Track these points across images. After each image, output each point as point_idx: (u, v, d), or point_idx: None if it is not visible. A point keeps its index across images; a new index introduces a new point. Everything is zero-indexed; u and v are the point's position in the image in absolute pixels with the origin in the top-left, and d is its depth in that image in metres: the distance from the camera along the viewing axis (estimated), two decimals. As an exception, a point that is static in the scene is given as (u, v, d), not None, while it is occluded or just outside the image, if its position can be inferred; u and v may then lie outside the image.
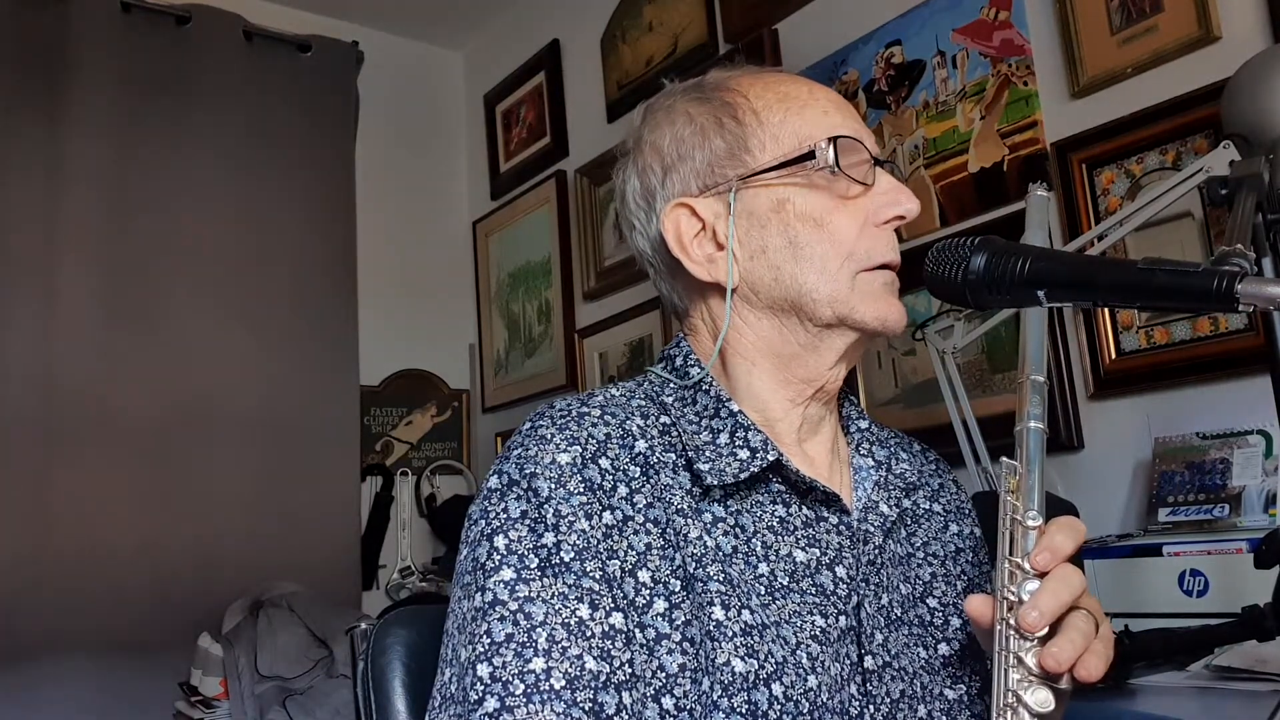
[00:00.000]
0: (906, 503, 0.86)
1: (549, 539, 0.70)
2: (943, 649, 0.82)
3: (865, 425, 0.89)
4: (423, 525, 3.12)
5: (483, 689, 0.66)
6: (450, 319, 3.32)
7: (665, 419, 0.80)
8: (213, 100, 2.76)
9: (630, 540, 0.72)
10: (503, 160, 3.28)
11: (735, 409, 0.81)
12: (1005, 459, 0.68)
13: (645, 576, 0.71)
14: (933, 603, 0.84)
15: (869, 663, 0.76)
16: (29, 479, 2.38)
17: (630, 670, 0.68)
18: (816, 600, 0.76)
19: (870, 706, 0.75)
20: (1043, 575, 0.65)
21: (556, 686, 0.66)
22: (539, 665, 0.66)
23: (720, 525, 0.76)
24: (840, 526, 0.80)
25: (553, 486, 0.72)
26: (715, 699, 0.69)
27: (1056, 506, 1.51)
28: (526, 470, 0.73)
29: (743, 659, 0.71)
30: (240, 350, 2.68)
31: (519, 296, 3.17)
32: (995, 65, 1.94)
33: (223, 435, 2.61)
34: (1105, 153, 1.76)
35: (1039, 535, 0.65)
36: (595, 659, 0.67)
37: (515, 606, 0.68)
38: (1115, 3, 1.76)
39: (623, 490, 0.74)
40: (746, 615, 0.73)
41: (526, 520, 0.71)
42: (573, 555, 0.70)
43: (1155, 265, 0.61)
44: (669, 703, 0.69)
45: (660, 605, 0.71)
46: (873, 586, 0.79)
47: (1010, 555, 0.66)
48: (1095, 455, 1.76)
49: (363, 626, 0.88)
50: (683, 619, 0.71)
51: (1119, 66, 1.75)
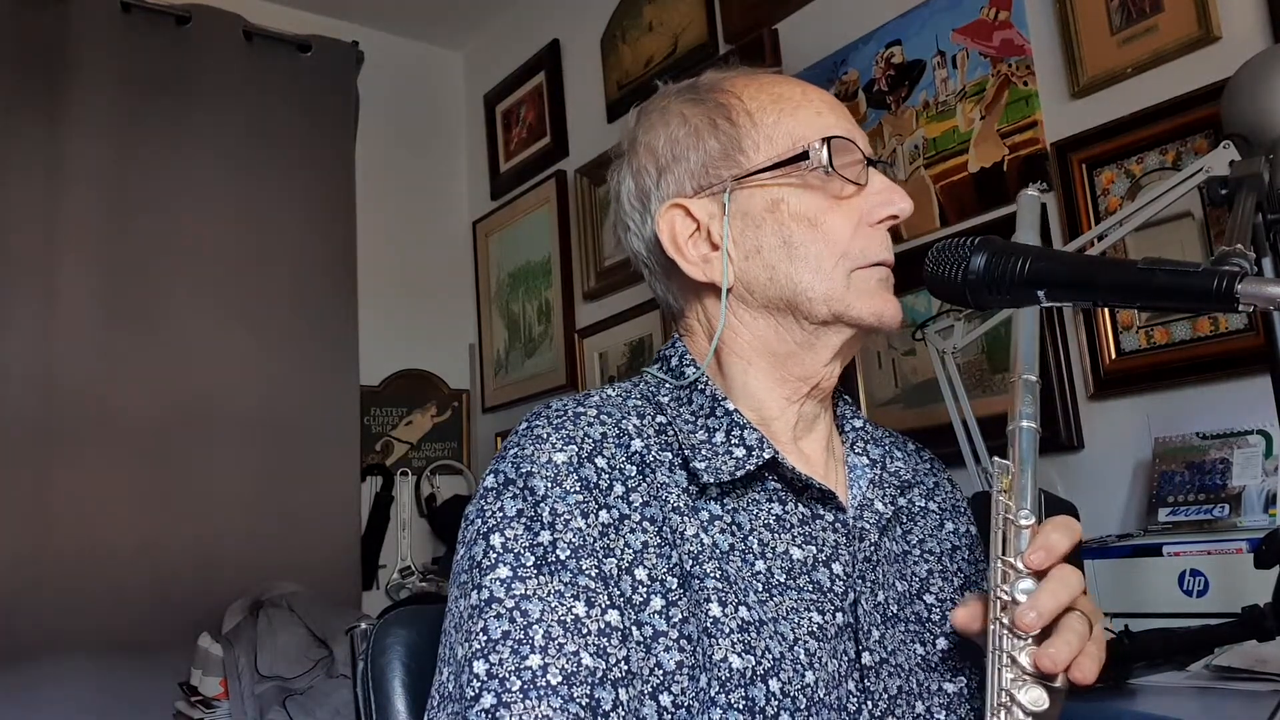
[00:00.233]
0: (902, 501, 0.87)
1: (545, 537, 0.71)
2: (941, 644, 0.82)
3: (860, 424, 0.90)
4: (423, 525, 3.12)
5: (479, 685, 0.67)
6: (450, 319, 3.32)
7: (661, 418, 0.80)
8: (213, 100, 2.76)
9: (627, 538, 0.72)
10: (503, 160, 3.28)
11: (731, 407, 0.81)
12: (997, 458, 0.68)
13: (642, 574, 0.72)
14: (930, 599, 0.84)
15: (866, 659, 0.77)
16: (29, 479, 2.38)
17: (626, 667, 0.68)
18: (813, 597, 0.76)
19: (868, 702, 0.75)
20: (1037, 574, 0.65)
21: (553, 682, 0.66)
22: (535, 662, 0.66)
23: (717, 523, 0.76)
24: (836, 524, 0.80)
25: (549, 485, 0.72)
26: (713, 695, 0.69)
27: (1056, 506, 1.52)
28: (523, 469, 0.74)
29: (740, 655, 0.71)
30: (240, 350, 2.68)
31: (519, 296, 3.16)
32: (995, 65, 1.94)
33: (223, 435, 2.61)
34: (1105, 153, 1.76)
35: (1032, 534, 0.65)
36: (592, 655, 0.67)
37: (512, 604, 0.68)
38: (1115, 3, 1.76)
39: (619, 489, 0.74)
40: (744, 612, 0.73)
41: (523, 519, 0.72)
42: (569, 553, 0.70)
43: (1155, 265, 0.61)
44: (666, 700, 0.69)
45: (657, 602, 0.71)
46: (869, 583, 0.80)
47: (1003, 554, 0.66)
48: (1095, 455, 1.76)
49: (363, 626, 0.88)
50: (679, 616, 0.71)
51: (1119, 66, 1.75)
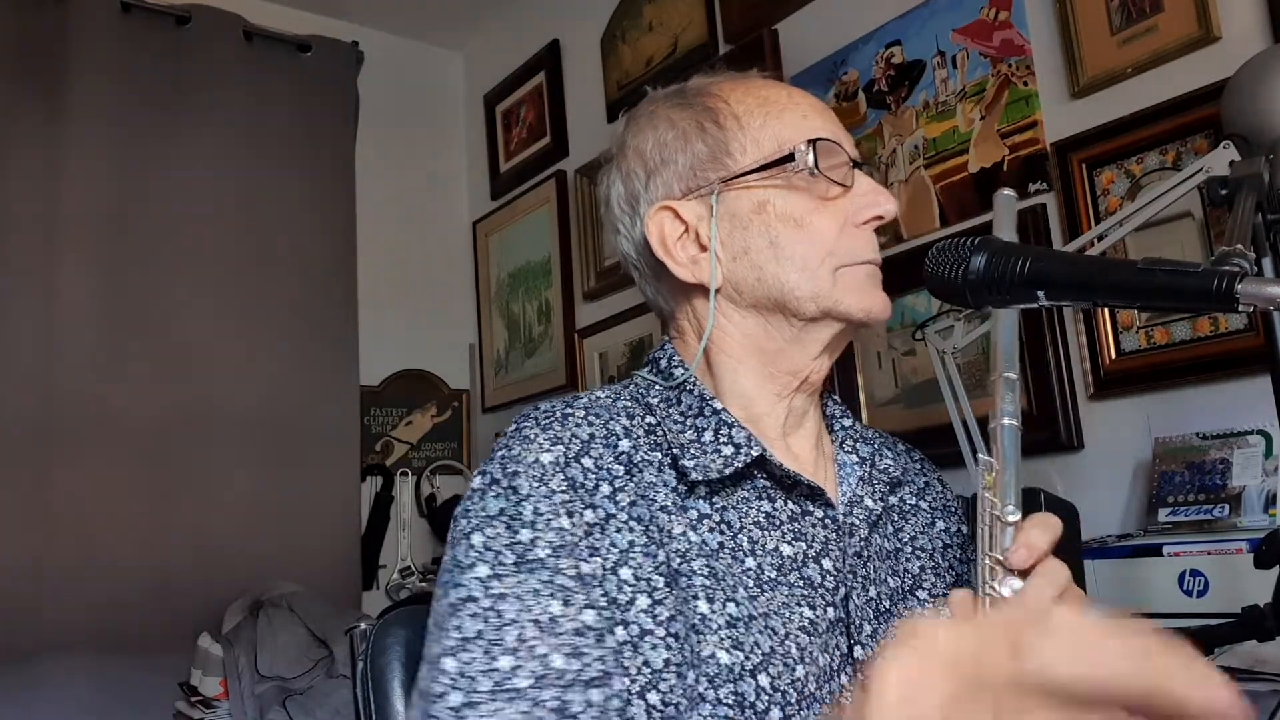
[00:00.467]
0: (892, 499, 0.87)
1: (524, 535, 0.71)
2: None
3: (849, 423, 0.91)
4: (423, 525, 3.12)
5: (449, 682, 0.67)
6: (450, 319, 3.32)
7: (650, 419, 0.81)
8: (213, 100, 2.76)
9: (613, 538, 0.73)
10: (503, 160, 3.28)
11: (719, 406, 0.82)
12: (982, 455, 0.69)
13: (627, 574, 0.72)
14: (923, 595, 0.85)
15: (859, 654, 0.77)
16: (29, 479, 2.37)
17: (602, 668, 0.68)
18: (804, 593, 0.77)
19: None
20: (1022, 572, 0.65)
21: (521, 685, 0.66)
22: (506, 663, 0.67)
23: (706, 521, 0.77)
24: (826, 520, 0.81)
25: (534, 485, 0.73)
26: (701, 691, 0.70)
27: (1056, 507, 1.51)
28: (509, 469, 0.74)
29: (728, 651, 0.71)
30: (240, 350, 2.68)
31: (519, 296, 3.16)
32: (995, 65, 1.94)
33: (223, 435, 2.61)
34: (1105, 153, 1.76)
35: (1016, 531, 0.66)
36: (564, 657, 0.67)
37: (488, 603, 0.69)
38: (1115, 3, 1.76)
39: (605, 489, 0.74)
40: (732, 608, 0.73)
41: (504, 517, 0.72)
42: (549, 552, 0.70)
43: (1155, 265, 0.61)
44: (655, 698, 0.69)
45: (643, 601, 0.71)
46: (860, 579, 0.80)
47: (990, 551, 0.66)
48: (1095, 455, 1.76)
49: (362, 626, 0.89)
50: (666, 614, 0.71)
51: (1119, 66, 1.75)
